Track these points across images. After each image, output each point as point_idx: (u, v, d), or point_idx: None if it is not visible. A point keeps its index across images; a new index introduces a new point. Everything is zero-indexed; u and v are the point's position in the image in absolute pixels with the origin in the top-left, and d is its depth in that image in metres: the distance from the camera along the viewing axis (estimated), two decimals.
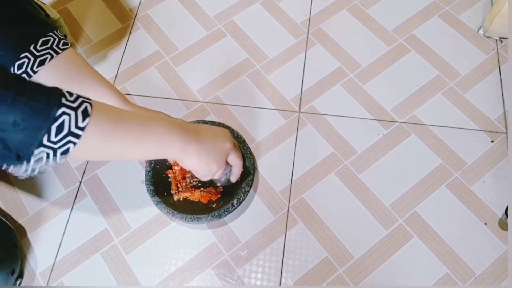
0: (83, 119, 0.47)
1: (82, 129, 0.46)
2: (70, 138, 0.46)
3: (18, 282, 0.71)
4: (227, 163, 0.66)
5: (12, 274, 0.68)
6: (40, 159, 0.45)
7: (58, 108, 0.44)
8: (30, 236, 0.76)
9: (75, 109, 0.46)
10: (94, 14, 0.99)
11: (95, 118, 0.48)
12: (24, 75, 0.65)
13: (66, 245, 0.75)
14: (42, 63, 0.65)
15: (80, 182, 0.80)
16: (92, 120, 0.47)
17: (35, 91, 0.43)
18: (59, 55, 0.67)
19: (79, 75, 0.69)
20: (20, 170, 0.45)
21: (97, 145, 0.50)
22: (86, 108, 0.47)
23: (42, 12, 0.78)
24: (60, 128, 0.45)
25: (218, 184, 0.75)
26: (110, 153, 0.53)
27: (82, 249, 0.75)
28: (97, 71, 0.72)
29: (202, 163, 0.60)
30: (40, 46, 0.65)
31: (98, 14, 0.99)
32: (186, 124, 0.60)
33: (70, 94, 0.47)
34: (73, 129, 0.46)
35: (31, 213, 0.78)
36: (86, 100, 0.48)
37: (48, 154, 0.45)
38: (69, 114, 0.45)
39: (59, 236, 0.76)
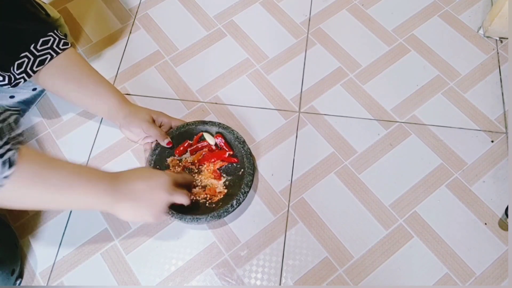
0: (8, 168, 0.45)
1: (6, 177, 0.46)
2: None
3: (18, 282, 0.71)
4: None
5: (12, 274, 0.68)
6: None
7: None
8: (30, 236, 0.76)
9: None
10: (94, 14, 0.99)
11: (19, 170, 0.47)
12: (23, 74, 0.65)
13: (66, 245, 0.75)
14: (42, 62, 0.65)
15: None
16: (15, 171, 0.46)
17: None
18: (59, 55, 0.67)
19: (79, 75, 0.69)
20: None
21: (18, 196, 0.50)
22: (9, 158, 0.46)
23: (42, 11, 0.78)
24: None
25: None
26: (29, 205, 0.53)
27: (82, 249, 0.75)
28: (97, 71, 0.72)
29: (137, 217, 0.61)
30: (40, 46, 0.65)
31: (98, 14, 0.99)
32: (119, 180, 0.59)
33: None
34: None
35: (31, 213, 0.78)
36: (13, 147, 0.46)
37: None
38: None
39: (59, 236, 0.76)
